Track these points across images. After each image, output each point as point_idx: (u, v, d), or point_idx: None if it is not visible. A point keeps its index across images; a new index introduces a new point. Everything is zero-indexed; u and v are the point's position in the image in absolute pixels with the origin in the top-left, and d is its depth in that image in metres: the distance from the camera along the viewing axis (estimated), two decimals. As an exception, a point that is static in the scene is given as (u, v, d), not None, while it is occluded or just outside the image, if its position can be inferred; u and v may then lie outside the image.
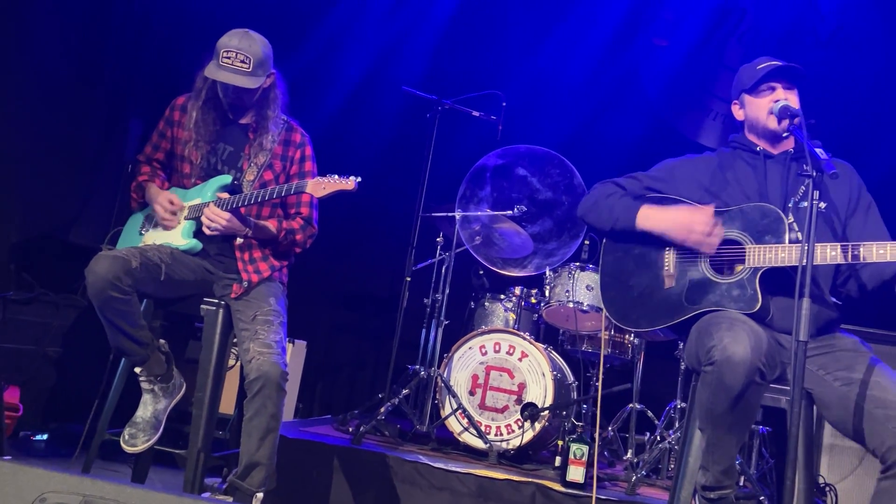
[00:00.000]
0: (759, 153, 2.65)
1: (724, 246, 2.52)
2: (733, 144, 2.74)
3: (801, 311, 2.10)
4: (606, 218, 2.65)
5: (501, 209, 4.42)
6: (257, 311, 2.84)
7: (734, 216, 2.53)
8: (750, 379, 2.18)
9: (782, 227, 2.43)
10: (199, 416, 2.86)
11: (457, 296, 4.56)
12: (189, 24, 5.06)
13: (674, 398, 4.21)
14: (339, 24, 5.68)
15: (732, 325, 2.26)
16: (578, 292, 4.26)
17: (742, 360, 2.17)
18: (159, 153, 3.12)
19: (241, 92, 2.91)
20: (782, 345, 2.42)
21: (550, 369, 3.95)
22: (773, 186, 2.58)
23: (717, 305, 2.44)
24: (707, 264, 2.53)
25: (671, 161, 2.77)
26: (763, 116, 2.60)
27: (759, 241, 2.45)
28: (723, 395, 2.21)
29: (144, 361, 2.83)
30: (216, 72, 2.86)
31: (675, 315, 2.52)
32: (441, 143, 4.44)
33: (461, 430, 3.96)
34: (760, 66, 2.62)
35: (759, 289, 2.41)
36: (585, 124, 5.69)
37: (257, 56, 2.88)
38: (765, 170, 2.62)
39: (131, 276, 2.70)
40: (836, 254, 2.34)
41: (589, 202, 2.72)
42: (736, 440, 2.30)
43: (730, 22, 5.80)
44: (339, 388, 5.79)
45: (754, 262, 2.43)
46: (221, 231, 2.85)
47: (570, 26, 5.84)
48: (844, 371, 2.34)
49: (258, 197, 2.87)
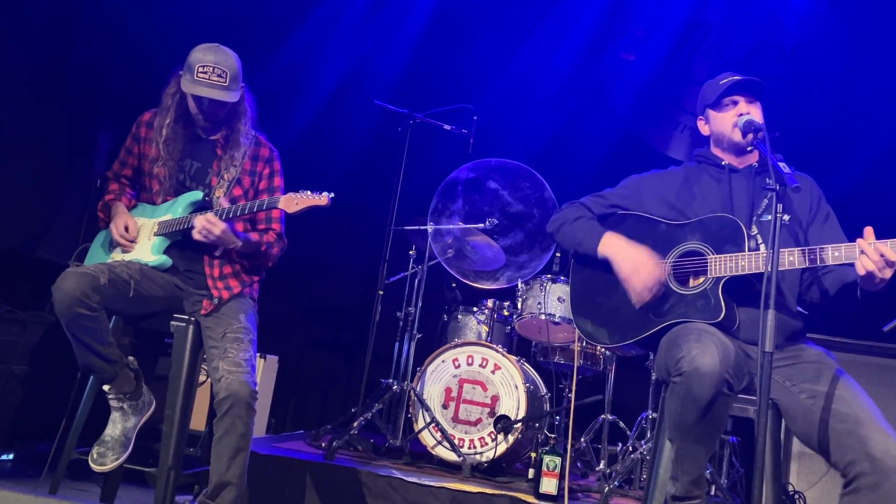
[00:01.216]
0: (725, 167, 2.69)
1: (687, 257, 2.56)
2: (698, 159, 2.78)
3: (766, 323, 2.14)
4: (571, 241, 2.72)
5: (473, 222, 4.44)
6: (227, 329, 2.82)
7: (695, 227, 2.57)
8: (717, 390, 2.21)
9: (742, 237, 2.47)
10: (169, 433, 2.83)
11: (430, 309, 4.57)
12: (158, 38, 5.03)
13: (645, 409, 4.25)
14: (309, 38, 5.68)
15: (700, 336, 2.29)
16: (550, 304, 4.29)
17: (710, 371, 2.19)
18: (127, 169, 3.10)
19: (217, 106, 2.92)
20: (749, 355, 2.46)
21: (523, 381, 3.97)
22: (738, 200, 2.62)
23: (684, 317, 2.48)
24: (671, 277, 2.56)
25: (636, 177, 2.81)
26: (728, 130, 2.65)
27: (720, 251, 2.49)
28: (691, 406, 2.23)
29: (113, 379, 2.80)
30: (193, 86, 2.86)
31: (644, 329, 2.55)
32: (413, 156, 4.46)
33: (434, 443, 3.95)
34: (722, 82, 2.67)
35: (721, 298, 2.44)
36: (556, 137, 5.74)
37: (233, 70, 2.90)
38: (730, 184, 2.66)
39: (99, 292, 2.67)
40: (795, 259, 2.38)
41: (557, 223, 2.79)
42: (705, 450, 2.32)
43: (696, 37, 5.90)
44: (312, 403, 5.75)
45: (716, 272, 2.47)
46: (213, 241, 2.83)
47: (540, 41, 5.90)
48: (810, 383, 2.37)
49: (243, 210, 2.86)
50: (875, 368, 4.19)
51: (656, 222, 2.65)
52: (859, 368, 4.15)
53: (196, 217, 2.84)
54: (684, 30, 5.88)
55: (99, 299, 2.67)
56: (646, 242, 2.60)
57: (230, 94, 2.90)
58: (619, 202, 2.75)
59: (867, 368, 4.19)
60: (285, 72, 5.54)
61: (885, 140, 5.29)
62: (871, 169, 5.27)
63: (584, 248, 2.67)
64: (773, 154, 2.41)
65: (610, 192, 2.79)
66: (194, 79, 2.86)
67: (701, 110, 2.77)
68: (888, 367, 4.18)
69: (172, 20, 5.05)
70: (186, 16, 5.07)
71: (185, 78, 2.90)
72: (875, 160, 5.29)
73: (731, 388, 2.26)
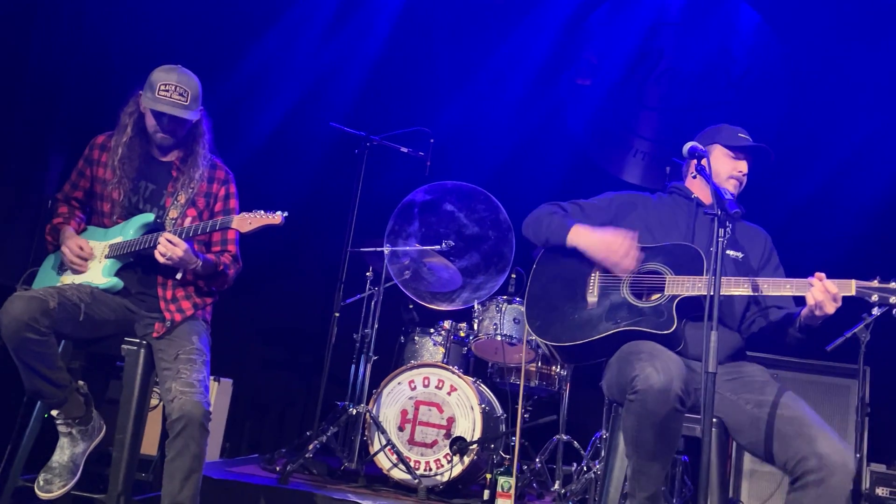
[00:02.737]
0: (693, 200, 2.84)
1: (646, 275, 2.64)
2: (671, 191, 2.94)
3: (710, 343, 2.22)
4: (542, 232, 2.80)
5: (430, 244, 4.47)
6: (180, 350, 2.80)
7: (658, 251, 2.69)
8: (672, 406, 2.28)
9: (701, 265, 2.60)
10: (119, 458, 2.78)
11: (386, 330, 4.58)
12: (112, 59, 4.99)
13: (599, 428, 4.30)
14: (265, 60, 5.69)
15: (652, 354, 2.36)
16: (506, 325, 4.33)
17: (664, 387, 2.27)
18: (78, 192, 3.07)
19: (177, 125, 2.93)
20: (694, 370, 2.53)
21: (479, 402, 3.99)
22: (700, 233, 2.77)
23: (636, 326, 2.55)
24: (628, 289, 2.64)
25: (611, 193, 2.93)
26: (724, 175, 2.79)
27: (679, 274, 2.59)
28: (647, 423, 2.30)
29: (62, 404, 2.75)
30: (154, 103, 2.87)
31: (594, 332, 2.61)
32: (370, 178, 4.48)
33: (390, 466, 3.95)
34: (742, 135, 2.83)
35: (675, 314, 2.52)
36: (513, 161, 5.82)
37: (194, 90, 2.93)
38: (695, 217, 2.81)
39: (48, 316, 2.63)
40: (748, 287, 2.53)
41: (531, 218, 2.87)
42: (660, 467, 2.38)
43: (647, 63, 6.05)
44: (268, 426, 5.69)
45: (673, 291, 2.56)
46: (175, 262, 2.80)
47: (497, 65, 6.00)
48: (755, 394, 2.49)
49: (196, 230, 2.85)
50: (819, 387, 4.31)
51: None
52: (804, 387, 4.27)
53: (160, 236, 2.81)
54: (637, 56, 6.03)
55: (48, 323, 2.63)
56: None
57: (190, 112, 2.92)
58: (593, 212, 2.85)
59: (812, 387, 4.31)
60: (241, 92, 5.53)
61: (826, 167, 5.48)
62: (813, 196, 5.46)
63: (553, 239, 2.76)
64: (738, 203, 2.57)
65: (586, 203, 2.89)
66: (155, 96, 2.87)
67: (707, 143, 2.86)
68: (832, 386, 4.30)
69: (127, 42, 5.02)
70: (141, 38, 5.05)
71: (145, 96, 2.91)
72: (816, 187, 5.47)
73: (683, 403, 2.33)
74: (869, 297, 2.40)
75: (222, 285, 3.06)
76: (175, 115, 2.89)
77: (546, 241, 2.79)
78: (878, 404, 4.38)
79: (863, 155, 5.42)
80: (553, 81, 6.07)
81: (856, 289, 2.42)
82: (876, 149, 5.41)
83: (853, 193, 5.40)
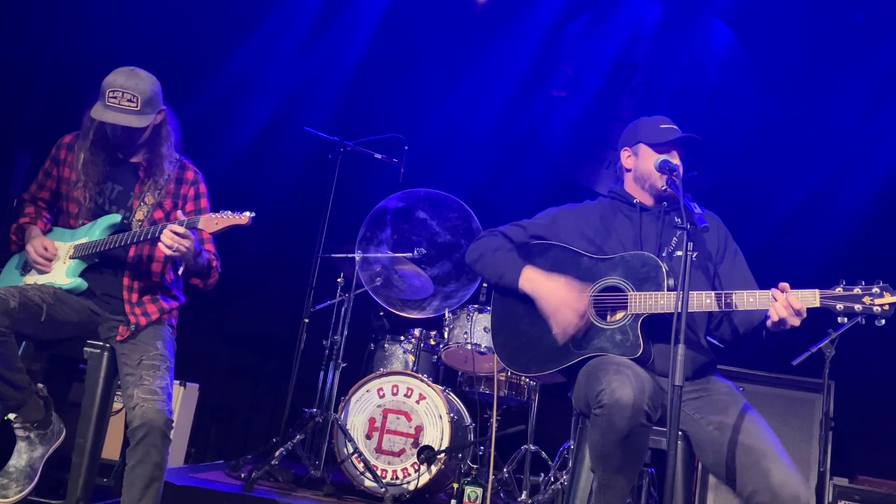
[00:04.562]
0: (636, 205, 2.80)
1: (607, 292, 2.63)
2: (611, 195, 2.88)
3: (676, 357, 2.22)
4: (492, 273, 2.74)
5: (401, 251, 4.46)
6: (143, 356, 2.75)
7: (616, 263, 2.64)
8: (637, 420, 2.28)
9: (661, 276, 2.55)
10: (79, 463, 2.73)
11: (356, 337, 4.55)
12: (82, 57, 4.93)
13: (567, 439, 4.30)
14: (243, 67, 5.66)
15: (619, 369, 2.36)
16: (476, 334, 4.32)
17: (629, 402, 2.26)
18: (44, 192, 3.01)
19: (130, 131, 2.86)
20: (662, 387, 2.53)
21: (447, 411, 3.98)
22: (647, 237, 2.72)
23: (602, 351, 2.54)
24: (591, 310, 2.63)
25: (553, 209, 2.88)
26: (653, 172, 2.72)
27: (640, 288, 2.57)
28: (612, 437, 2.29)
29: (20, 407, 2.69)
30: (103, 112, 2.79)
31: (563, 360, 2.60)
32: (343, 184, 4.47)
33: (357, 474, 3.92)
34: (664, 126, 2.76)
35: (640, 335, 2.52)
36: (488, 172, 5.83)
37: (145, 94, 2.82)
38: (640, 221, 2.76)
39: (8, 316, 2.57)
40: (711, 301, 2.49)
41: (476, 253, 2.80)
42: (626, 480, 2.38)
43: (621, 77, 6.11)
44: (234, 433, 5.63)
45: (635, 309, 2.54)
46: (183, 253, 2.72)
47: (476, 77, 6.02)
48: (718, 416, 2.47)
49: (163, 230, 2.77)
50: (785, 400, 4.35)
51: (579, 255, 2.71)
52: (770, 400, 4.31)
53: (164, 228, 2.73)
54: (612, 69, 6.09)
55: (8, 323, 2.57)
56: (569, 274, 2.66)
57: (140, 118, 2.81)
58: (537, 232, 2.80)
59: (777, 400, 4.36)
60: (218, 100, 5.49)
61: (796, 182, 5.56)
62: (785, 211, 5.53)
63: (504, 282, 2.70)
64: (685, 193, 2.51)
65: (528, 222, 2.83)
66: (105, 104, 2.79)
67: (632, 142, 2.83)
68: (797, 399, 4.35)
69: (100, 41, 4.97)
70: (115, 37, 4.99)
71: (97, 103, 2.82)
72: (787, 202, 5.55)
73: (650, 418, 2.33)
74: (834, 307, 2.38)
75: (209, 284, 3.00)
76: (123, 125, 2.80)
77: (497, 282, 2.74)
78: (841, 418, 4.44)
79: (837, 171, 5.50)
80: (530, 95, 6.11)
81: (820, 299, 2.39)
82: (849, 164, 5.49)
83: (830, 207, 5.47)
